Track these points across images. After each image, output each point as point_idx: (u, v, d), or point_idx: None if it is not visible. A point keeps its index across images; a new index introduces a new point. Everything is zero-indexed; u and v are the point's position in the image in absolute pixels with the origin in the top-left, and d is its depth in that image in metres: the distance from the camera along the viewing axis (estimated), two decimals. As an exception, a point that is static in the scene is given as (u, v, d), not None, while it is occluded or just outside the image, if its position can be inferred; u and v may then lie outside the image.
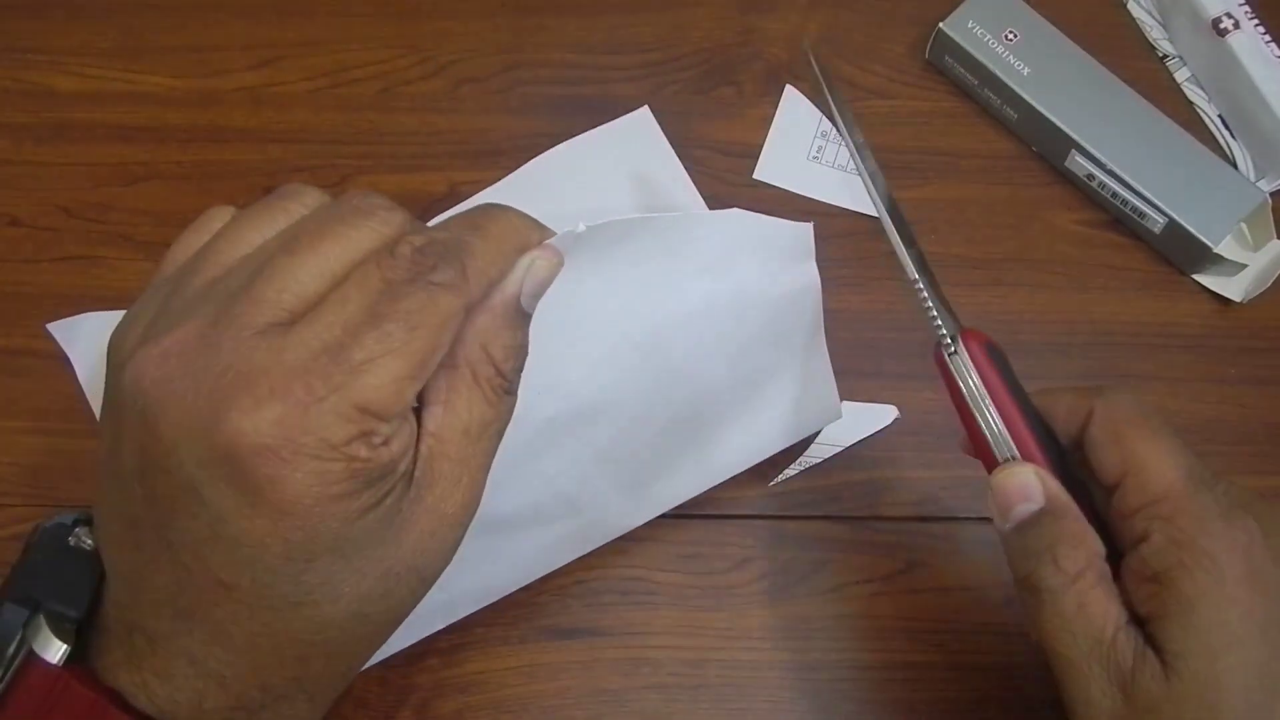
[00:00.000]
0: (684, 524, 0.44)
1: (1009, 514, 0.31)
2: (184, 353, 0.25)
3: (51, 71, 0.52)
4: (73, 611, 0.28)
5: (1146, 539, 0.29)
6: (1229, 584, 0.28)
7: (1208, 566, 0.28)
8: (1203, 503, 0.29)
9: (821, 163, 0.50)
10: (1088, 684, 0.29)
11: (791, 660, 0.42)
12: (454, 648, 0.42)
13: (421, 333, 0.25)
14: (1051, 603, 0.29)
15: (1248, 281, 0.48)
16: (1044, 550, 0.30)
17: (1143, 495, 0.30)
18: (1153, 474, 0.30)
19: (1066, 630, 0.29)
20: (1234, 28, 0.50)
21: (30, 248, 0.49)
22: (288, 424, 0.24)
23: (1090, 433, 0.32)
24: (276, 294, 0.26)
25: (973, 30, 0.50)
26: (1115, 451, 0.31)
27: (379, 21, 0.54)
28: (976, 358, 0.33)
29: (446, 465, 0.28)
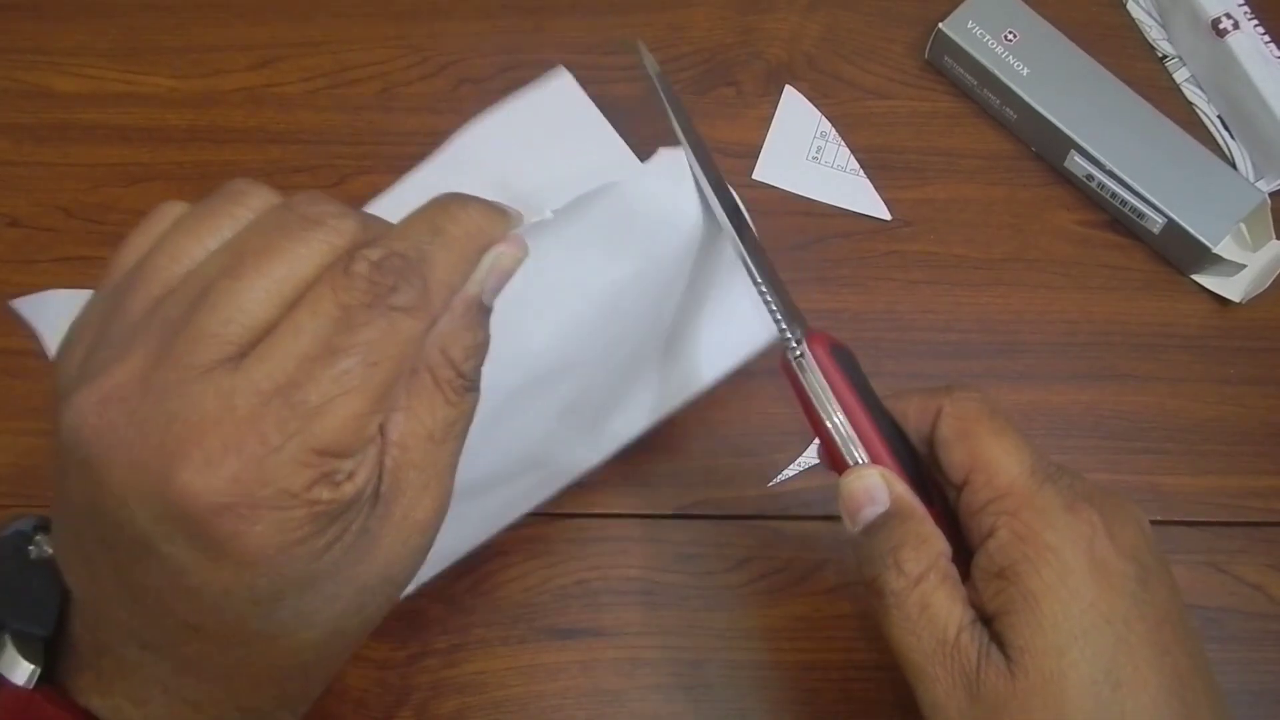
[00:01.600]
0: (684, 524, 0.44)
1: (856, 517, 0.31)
2: (126, 398, 0.23)
3: (51, 72, 0.52)
4: (39, 630, 0.27)
5: (992, 535, 0.29)
6: (1073, 577, 0.28)
7: (1051, 560, 0.28)
8: (1046, 496, 0.29)
9: (821, 163, 0.50)
10: (934, 686, 0.28)
11: (791, 660, 0.42)
12: (453, 648, 0.42)
13: (382, 365, 0.24)
14: (896, 606, 0.29)
15: (1247, 282, 0.48)
16: (887, 553, 0.30)
17: (989, 491, 0.30)
18: (997, 470, 0.30)
19: (911, 633, 0.29)
20: (1233, 28, 0.50)
21: (30, 248, 0.49)
22: (244, 479, 0.23)
23: (939, 431, 0.31)
24: (222, 325, 0.24)
25: (972, 30, 0.50)
26: (962, 449, 0.31)
27: (379, 22, 0.54)
28: (822, 360, 0.33)
29: (413, 474, 0.26)
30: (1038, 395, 0.46)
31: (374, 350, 0.24)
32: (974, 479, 0.30)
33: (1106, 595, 0.28)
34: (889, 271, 0.48)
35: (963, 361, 0.47)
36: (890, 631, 0.29)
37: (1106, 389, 0.46)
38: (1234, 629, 0.42)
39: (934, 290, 0.48)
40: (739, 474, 0.45)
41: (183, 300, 0.24)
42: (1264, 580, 0.43)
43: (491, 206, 0.28)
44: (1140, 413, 0.46)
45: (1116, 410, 0.46)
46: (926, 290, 0.48)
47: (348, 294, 0.24)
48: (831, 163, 0.50)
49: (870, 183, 0.50)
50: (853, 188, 0.50)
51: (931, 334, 0.47)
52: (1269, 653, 0.42)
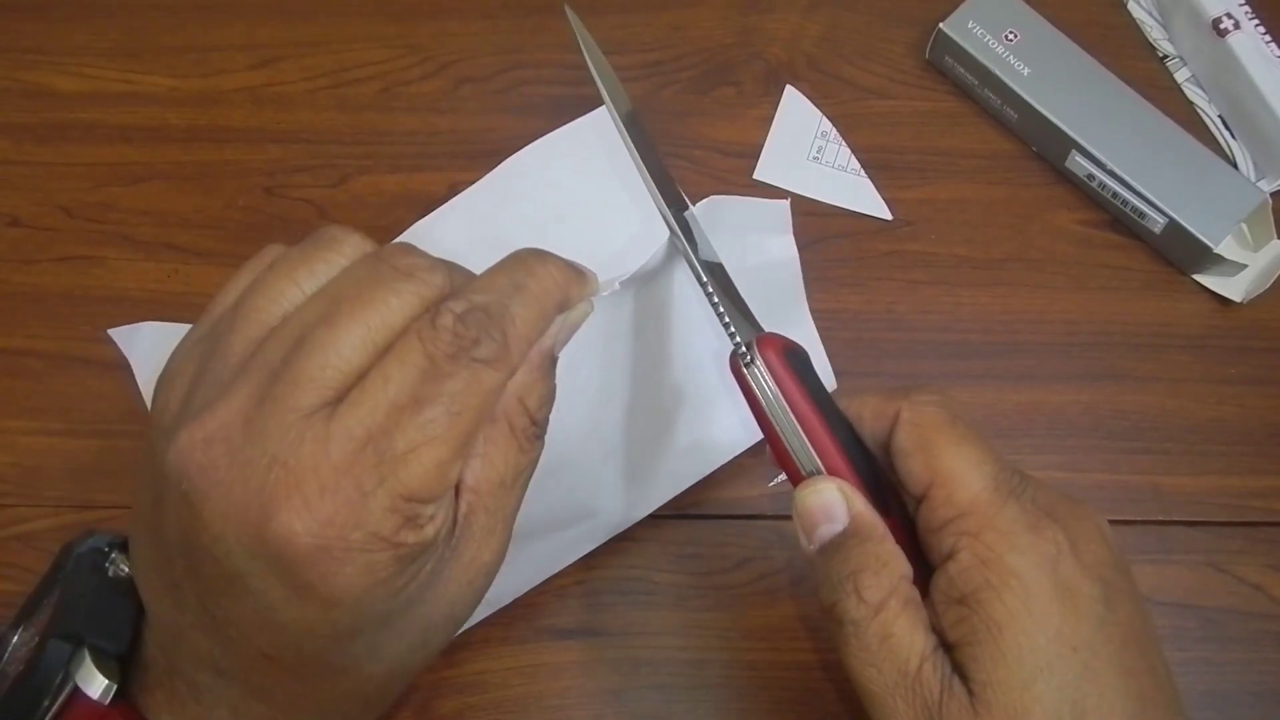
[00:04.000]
0: (684, 524, 0.44)
1: (813, 535, 0.30)
2: (228, 438, 0.25)
3: (52, 72, 0.52)
4: (115, 646, 0.28)
5: (953, 557, 0.28)
6: (1037, 604, 0.27)
7: (1015, 586, 0.27)
8: (1009, 516, 0.28)
9: (821, 163, 0.50)
10: (893, 718, 0.27)
11: (792, 660, 0.42)
12: (454, 648, 0.42)
13: (465, 416, 0.25)
14: (855, 635, 0.28)
15: (1248, 281, 0.48)
16: (847, 578, 0.29)
17: (950, 508, 0.28)
18: (959, 485, 0.28)
19: (871, 664, 0.28)
20: (1234, 28, 0.50)
21: (30, 248, 0.49)
22: (337, 522, 0.24)
23: (896, 440, 0.30)
24: (319, 370, 0.25)
25: (973, 30, 0.50)
26: (920, 461, 0.29)
27: (379, 21, 0.54)
28: (774, 365, 0.31)
29: (483, 518, 0.28)
30: (1038, 395, 0.46)
31: (457, 400, 0.25)
32: (934, 494, 0.29)
33: (1071, 621, 0.27)
34: (889, 271, 0.48)
35: (963, 361, 0.47)
36: (849, 661, 0.28)
37: (1106, 389, 0.46)
38: (1234, 629, 0.42)
39: (934, 290, 0.48)
40: (739, 474, 0.45)
41: (282, 344, 0.26)
42: (1264, 580, 0.43)
43: (570, 266, 0.29)
44: (1140, 413, 0.46)
45: (1116, 410, 0.46)
46: (927, 290, 0.48)
47: (434, 345, 0.25)
48: (832, 163, 0.50)
49: (871, 183, 0.50)
50: (854, 188, 0.50)
51: (932, 334, 0.47)
52: (1269, 653, 0.42)
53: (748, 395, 0.32)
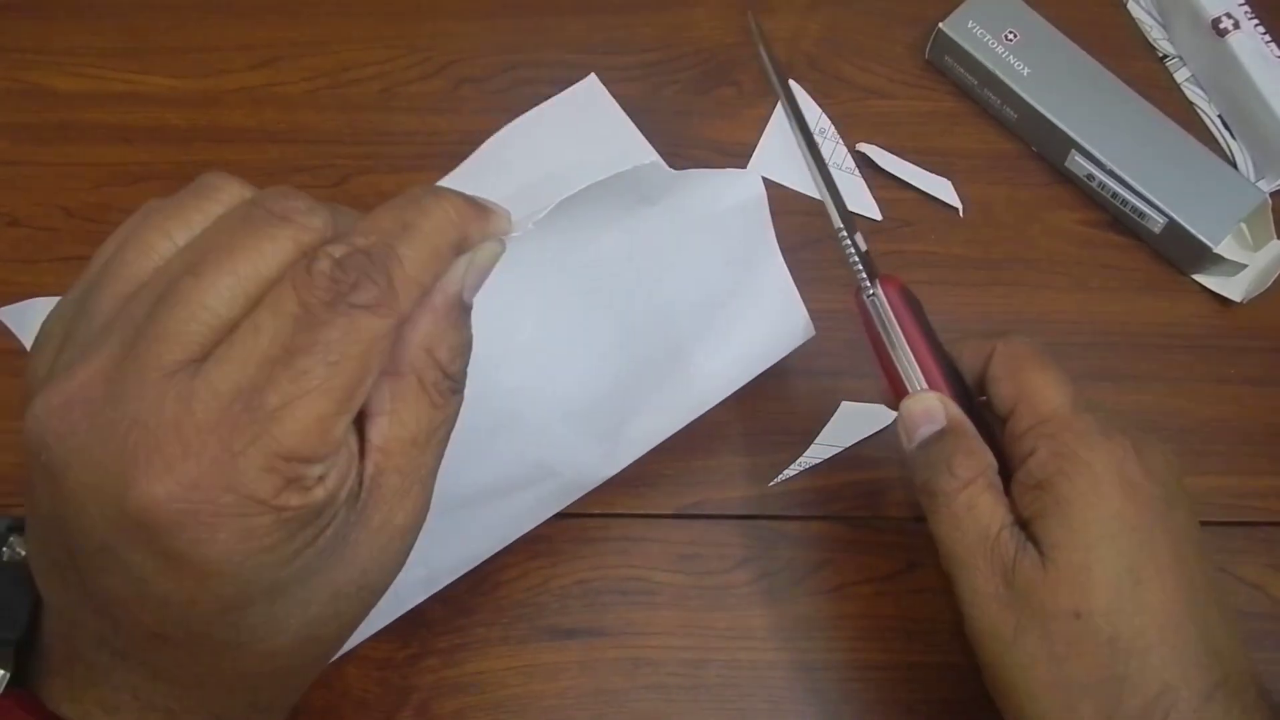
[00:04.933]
0: (684, 524, 0.44)
1: (914, 434, 0.35)
2: (88, 400, 0.23)
3: (51, 71, 0.52)
4: (10, 633, 0.27)
5: (1033, 454, 0.32)
6: (1103, 488, 0.31)
7: (1084, 472, 0.31)
8: (1085, 421, 0.32)
9: (821, 162, 0.50)
10: (974, 575, 0.32)
11: (792, 660, 0.42)
12: (454, 648, 0.42)
13: (344, 365, 0.23)
14: (945, 504, 0.33)
15: (1248, 281, 0.48)
16: (942, 461, 0.33)
17: (1032, 417, 0.33)
18: (1041, 399, 0.33)
19: (957, 528, 0.32)
20: (1234, 28, 0.50)
21: (30, 248, 0.49)
22: (205, 485, 0.22)
23: (990, 369, 0.35)
24: (184, 325, 0.23)
25: (972, 30, 0.50)
26: (1010, 383, 0.34)
27: (379, 22, 0.54)
28: (893, 300, 0.37)
29: (395, 478, 0.26)
30: (1038, 395, 0.46)
31: (335, 349, 0.23)
32: (1020, 408, 0.34)
33: (1132, 507, 0.31)
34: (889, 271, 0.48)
35: (963, 361, 0.47)
36: (938, 528, 0.33)
37: (1106, 389, 0.46)
38: (1234, 629, 0.42)
39: (934, 290, 0.48)
40: (739, 474, 0.45)
41: (147, 299, 0.24)
42: (1264, 580, 0.43)
43: (470, 202, 0.27)
44: (1140, 413, 0.46)
45: (1116, 410, 0.46)
46: (926, 290, 0.48)
47: (308, 292, 0.23)
48: (828, 160, 0.50)
49: (865, 182, 0.50)
50: (847, 186, 0.50)
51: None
52: (1269, 653, 0.42)
53: (867, 324, 0.37)
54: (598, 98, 0.48)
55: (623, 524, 0.44)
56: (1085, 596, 0.30)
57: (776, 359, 0.43)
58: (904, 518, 0.44)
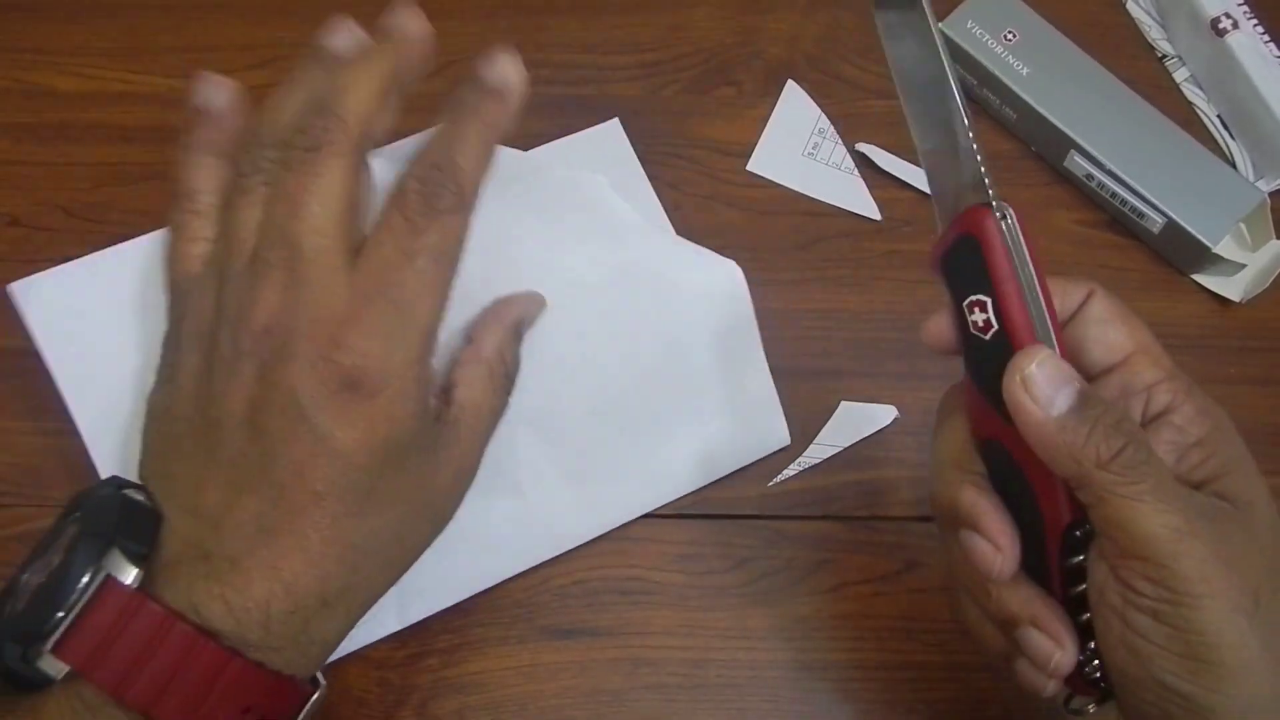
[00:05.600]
0: (683, 524, 0.44)
1: (1055, 399, 0.28)
2: (285, 305, 0.31)
3: (51, 71, 0.52)
4: (141, 548, 0.31)
5: (1175, 409, 0.31)
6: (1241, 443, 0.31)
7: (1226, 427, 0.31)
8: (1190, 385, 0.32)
9: (817, 160, 0.50)
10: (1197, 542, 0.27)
11: (791, 660, 0.42)
12: (453, 648, 0.42)
13: (444, 260, 0.33)
14: (1152, 475, 0.28)
15: (1247, 281, 0.48)
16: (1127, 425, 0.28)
17: (1156, 371, 0.31)
18: (1159, 354, 0.32)
19: (1168, 498, 0.28)
20: (1233, 28, 0.50)
21: (30, 247, 0.49)
22: (387, 356, 0.31)
23: (1092, 310, 0.32)
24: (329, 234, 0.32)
25: (972, 30, 0.50)
26: (1123, 330, 0.32)
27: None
28: (1025, 230, 0.31)
29: (465, 431, 0.35)
30: (1037, 395, 0.46)
31: (435, 247, 0.32)
32: (1137, 360, 0.32)
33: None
34: (889, 271, 0.49)
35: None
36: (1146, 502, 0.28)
37: (1106, 389, 0.46)
38: (1233, 629, 0.42)
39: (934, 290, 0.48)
40: (739, 474, 0.45)
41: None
42: (1263, 580, 0.43)
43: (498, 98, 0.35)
44: (1140, 412, 0.46)
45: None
46: (926, 290, 0.48)
47: (408, 209, 0.32)
48: (827, 160, 0.50)
49: (864, 182, 0.50)
50: (846, 186, 0.50)
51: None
52: (1268, 652, 0.42)
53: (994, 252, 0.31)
54: (616, 143, 0.49)
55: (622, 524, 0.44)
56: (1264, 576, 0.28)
57: (748, 460, 0.44)
58: (904, 517, 0.44)
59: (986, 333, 0.31)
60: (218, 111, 0.36)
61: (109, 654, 0.29)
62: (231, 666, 0.30)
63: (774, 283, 0.48)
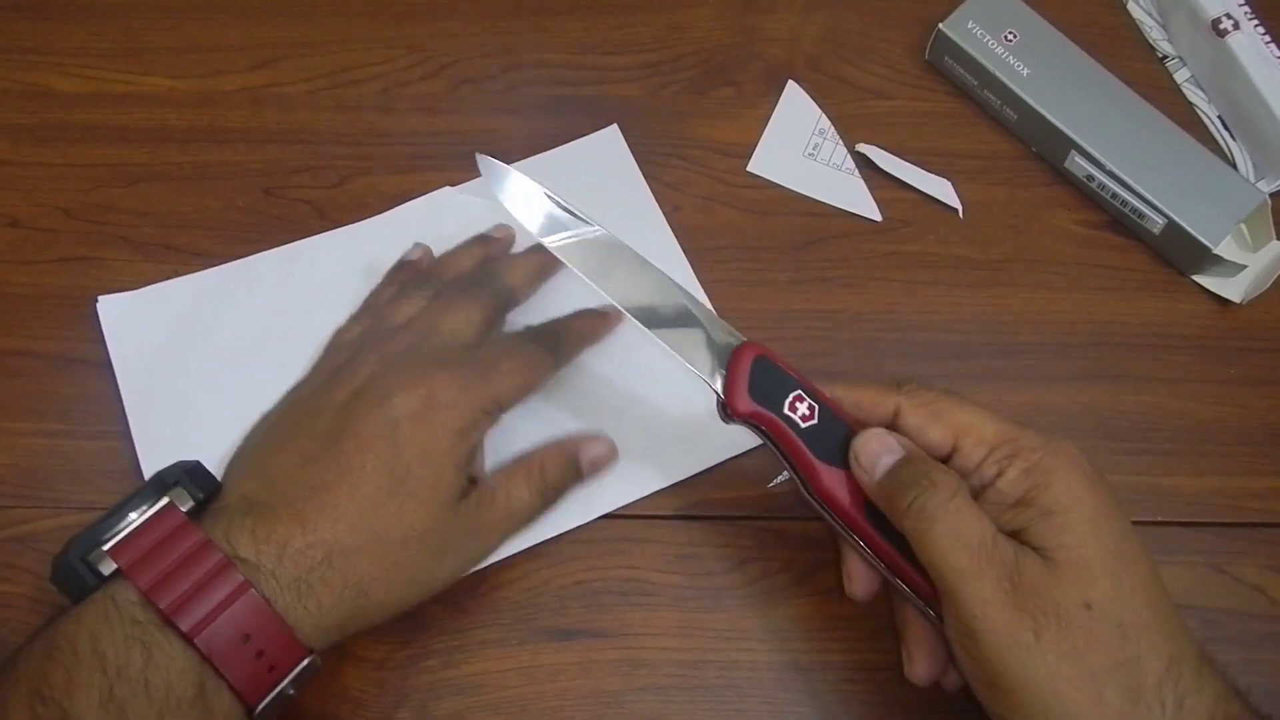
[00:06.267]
0: (682, 525, 0.44)
1: (877, 467, 0.35)
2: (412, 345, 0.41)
3: (51, 72, 0.52)
4: (200, 493, 0.37)
5: (1002, 475, 0.34)
6: (1076, 490, 0.33)
7: (1057, 481, 0.33)
8: (1029, 437, 0.34)
9: (817, 160, 0.50)
10: (981, 582, 0.32)
11: (790, 661, 0.42)
12: (452, 649, 0.42)
13: (529, 372, 0.41)
14: (940, 516, 0.33)
15: (1247, 282, 0.48)
16: (920, 478, 0.34)
17: (982, 447, 0.35)
18: (980, 429, 0.35)
19: (956, 538, 0.33)
20: (1234, 28, 0.50)
21: (30, 249, 0.49)
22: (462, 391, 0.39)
23: (906, 423, 0.36)
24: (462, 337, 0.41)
25: (972, 31, 0.50)
26: (939, 427, 0.35)
27: (379, 22, 0.54)
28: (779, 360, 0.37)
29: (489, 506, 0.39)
30: (1037, 395, 0.46)
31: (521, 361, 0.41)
32: (962, 443, 0.35)
33: (1101, 499, 0.33)
34: (889, 272, 0.48)
35: (963, 362, 0.47)
36: (936, 544, 0.33)
37: (1106, 389, 0.46)
38: (1234, 630, 0.42)
39: (934, 291, 0.48)
40: (739, 474, 0.45)
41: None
42: (1264, 582, 0.43)
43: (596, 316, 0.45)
44: (1140, 413, 0.46)
45: (1116, 411, 0.46)
46: (926, 291, 0.48)
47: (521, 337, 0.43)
48: (827, 160, 0.50)
49: (864, 183, 0.50)
50: (846, 187, 0.50)
51: (932, 334, 0.47)
52: (1269, 654, 0.42)
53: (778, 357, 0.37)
54: (616, 149, 0.49)
55: (621, 525, 0.44)
56: (1091, 587, 0.32)
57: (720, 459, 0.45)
58: (903, 518, 0.44)
59: (809, 420, 0.36)
60: (412, 261, 0.46)
61: (152, 562, 0.34)
62: (247, 594, 0.34)
63: (774, 283, 0.48)
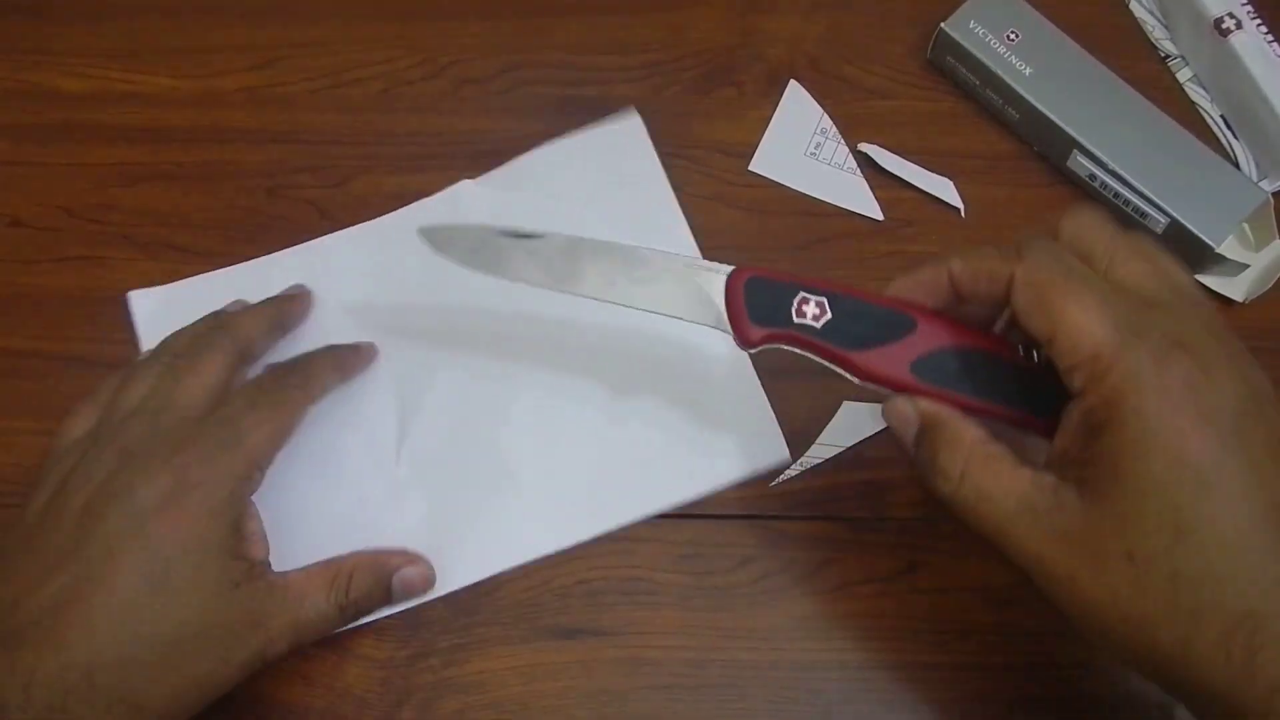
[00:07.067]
0: (685, 524, 0.44)
1: (906, 442, 0.34)
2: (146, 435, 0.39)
3: (53, 72, 0.52)
4: None
5: (1082, 396, 0.31)
6: (1156, 437, 0.29)
7: (1134, 422, 0.29)
8: (1134, 356, 0.30)
9: (819, 160, 0.50)
10: (1018, 541, 0.31)
11: (793, 660, 0.42)
12: (455, 648, 0.42)
13: (277, 419, 0.39)
14: (955, 504, 0.33)
15: (1249, 282, 0.48)
16: (929, 462, 0.33)
17: (1074, 355, 0.31)
18: (1081, 334, 0.30)
19: (979, 518, 0.32)
20: (1236, 28, 0.50)
21: (31, 249, 0.49)
22: (213, 467, 0.37)
23: (1015, 300, 0.32)
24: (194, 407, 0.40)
25: (974, 30, 0.50)
26: (1041, 318, 0.31)
27: (380, 22, 0.54)
28: None
29: (281, 601, 0.38)
30: (1040, 395, 0.46)
31: (277, 404, 0.40)
32: (1058, 344, 0.31)
33: (1194, 444, 0.29)
34: (891, 272, 0.48)
35: (965, 361, 0.47)
36: (965, 522, 0.33)
37: (1109, 389, 0.46)
38: (1237, 629, 0.42)
39: (936, 290, 0.48)
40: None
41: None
42: (1267, 581, 0.43)
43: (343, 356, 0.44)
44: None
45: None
46: (928, 290, 0.48)
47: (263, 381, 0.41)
48: (829, 160, 0.50)
49: (866, 182, 0.50)
50: (848, 186, 0.50)
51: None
52: (1272, 653, 0.42)
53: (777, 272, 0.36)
54: (636, 136, 0.50)
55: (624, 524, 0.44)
56: (1134, 540, 0.29)
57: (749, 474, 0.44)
58: (906, 517, 0.44)
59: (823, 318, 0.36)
60: None
61: None
62: None
63: (776, 283, 0.48)
